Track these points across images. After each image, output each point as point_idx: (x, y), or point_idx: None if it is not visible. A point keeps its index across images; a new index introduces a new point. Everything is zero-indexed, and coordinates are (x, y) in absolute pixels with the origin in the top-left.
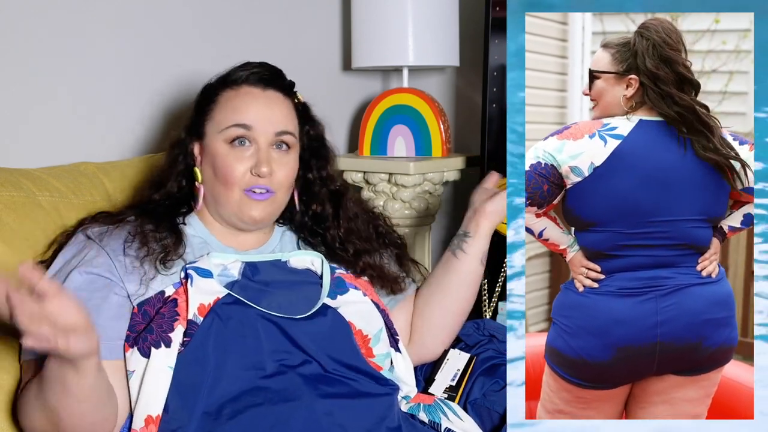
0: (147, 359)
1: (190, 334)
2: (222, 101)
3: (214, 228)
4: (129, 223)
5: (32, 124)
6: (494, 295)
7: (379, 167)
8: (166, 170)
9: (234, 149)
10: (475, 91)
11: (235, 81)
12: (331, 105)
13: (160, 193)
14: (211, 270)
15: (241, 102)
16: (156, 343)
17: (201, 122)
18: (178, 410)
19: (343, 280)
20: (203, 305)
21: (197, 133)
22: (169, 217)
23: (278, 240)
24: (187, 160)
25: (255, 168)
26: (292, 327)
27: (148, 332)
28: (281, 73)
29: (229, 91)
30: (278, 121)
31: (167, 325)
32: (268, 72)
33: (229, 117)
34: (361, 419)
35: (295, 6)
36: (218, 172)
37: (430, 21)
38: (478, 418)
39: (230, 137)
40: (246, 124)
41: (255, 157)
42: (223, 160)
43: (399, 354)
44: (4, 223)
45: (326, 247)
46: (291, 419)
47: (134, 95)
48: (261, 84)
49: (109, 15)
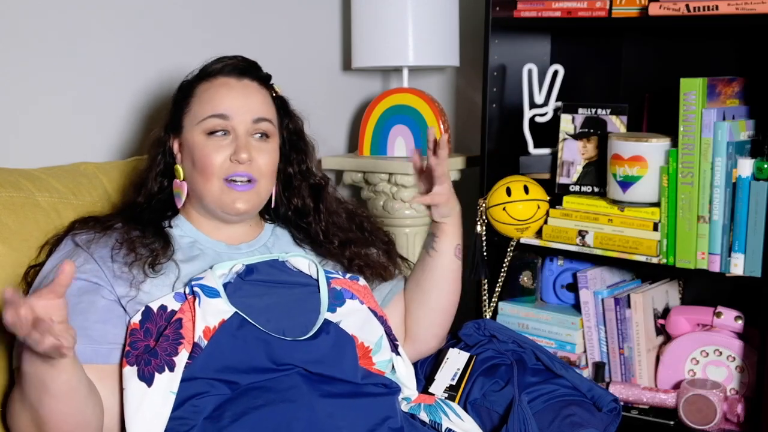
0: (148, 386)
1: (193, 357)
2: (198, 93)
3: (202, 224)
4: (116, 230)
5: (32, 124)
6: (494, 295)
7: (379, 167)
8: (146, 171)
9: (212, 139)
10: (475, 91)
11: (210, 73)
12: (331, 105)
13: (142, 194)
14: (217, 288)
15: (216, 92)
16: (160, 367)
17: (178, 117)
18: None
19: (340, 292)
20: (208, 328)
21: (175, 129)
22: (154, 222)
23: (269, 235)
24: (166, 159)
25: (234, 155)
26: (295, 350)
27: (152, 356)
28: (257, 65)
29: (204, 84)
30: (255, 108)
31: (171, 348)
32: (243, 62)
33: (205, 108)
34: (362, 420)
35: (295, 6)
36: (197, 164)
37: (430, 21)
38: (478, 418)
39: (208, 128)
40: (223, 114)
41: (233, 145)
42: (202, 151)
43: (399, 358)
44: (4, 223)
45: (311, 241)
46: (293, 421)
47: (134, 95)
48: (236, 74)
49: (110, 15)
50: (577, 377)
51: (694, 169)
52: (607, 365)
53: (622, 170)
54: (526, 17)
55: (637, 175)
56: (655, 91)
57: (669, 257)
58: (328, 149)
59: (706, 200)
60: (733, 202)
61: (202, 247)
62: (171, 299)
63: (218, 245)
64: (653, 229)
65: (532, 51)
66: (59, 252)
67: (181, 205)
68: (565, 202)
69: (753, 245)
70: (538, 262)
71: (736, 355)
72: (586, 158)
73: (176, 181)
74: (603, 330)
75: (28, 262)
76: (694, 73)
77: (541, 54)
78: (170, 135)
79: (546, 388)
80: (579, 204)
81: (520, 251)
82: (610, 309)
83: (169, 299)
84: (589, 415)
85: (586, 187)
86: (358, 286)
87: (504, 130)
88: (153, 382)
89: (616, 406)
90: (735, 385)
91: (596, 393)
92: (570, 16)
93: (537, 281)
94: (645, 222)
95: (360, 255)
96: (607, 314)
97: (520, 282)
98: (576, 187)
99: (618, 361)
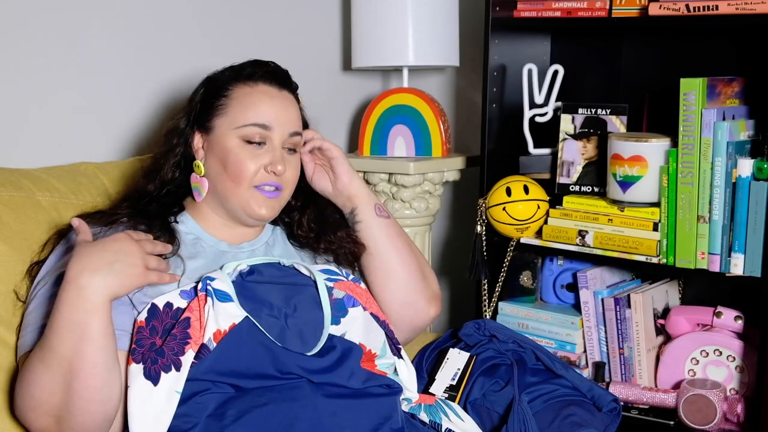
0: (154, 384)
1: (200, 357)
2: (236, 97)
3: (208, 222)
4: (122, 224)
5: (32, 124)
6: (494, 295)
7: (379, 167)
8: (162, 159)
9: (248, 147)
10: (475, 91)
11: (250, 77)
12: (331, 105)
13: (154, 183)
14: (229, 293)
15: (259, 101)
16: (166, 367)
17: (208, 116)
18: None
19: (342, 301)
20: (219, 331)
21: (202, 126)
22: (161, 216)
23: (270, 234)
24: (185, 150)
25: (271, 166)
26: (300, 361)
27: (159, 354)
28: (290, 76)
29: (243, 87)
30: (292, 122)
31: (179, 347)
32: (281, 72)
33: (248, 115)
34: (365, 420)
35: (295, 6)
36: (229, 168)
37: (430, 21)
38: (478, 418)
39: (247, 135)
40: (265, 124)
41: (269, 156)
42: (237, 156)
43: (402, 361)
44: (4, 222)
45: (291, 233)
46: (296, 420)
47: (134, 95)
48: (276, 83)
49: (110, 15)
50: (577, 377)
51: (694, 169)
52: (607, 365)
53: (622, 170)
54: (526, 17)
55: (637, 175)
56: (655, 91)
57: (669, 257)
58: None
59: (706, 200)
60: (733, 202)
61: (204, 245)
62: (177, 296)
63: (220, 244)
64: (653, 229)
65: (532, 51)
66: (64, 245)
67: (201, 199)
68: (565, 202)
69: (753, 245)
70: (538, 262)
71: (736, 355)
72: (586, 158)
73: (195, 176)
74: (603, 330)
75: (29, 261)
76: (694, 73)
77: (541, 54)
78: (194, 129)
79: (546, 388)
80: (579, 204)
81: (520, 251)
82: (610, 309)
83: (174, 296)
84: (589, 415)
85: (586, 187)
86: (361, 290)
87: (504, 130)
88: (159, 381)
89: (616, 406)
90: (735, 385)
91: (596, 393)
92: (570, 16)
93: (537, 281)
94: (645, 222)
95: (332, 240)
96: (607, 314)
97: (520, 282)
98: (576, 187)
99: (618, 361)
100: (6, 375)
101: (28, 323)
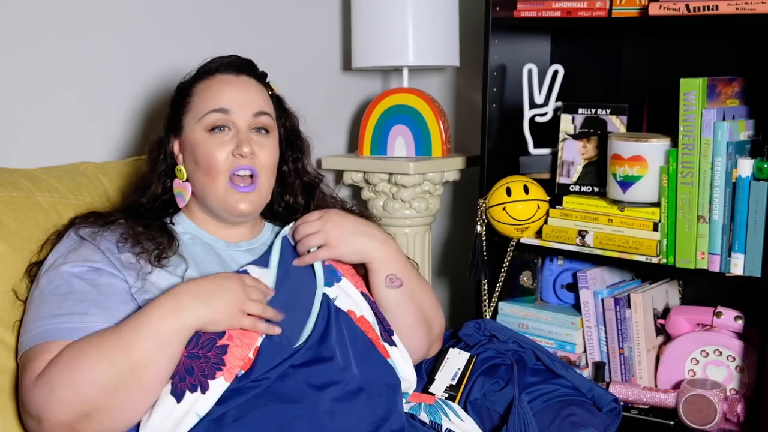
0: (177, 402)
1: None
2: (197, 92)
3: (204, 222)
4: (120, 225)
5: (32, 124)
6: (494, 295)
7: (379, 167)
8: (149, 173)
9: (213, 135)
10: (475, 91)
11: (208, 71)
12: (331, 105)
13: (146, 196)
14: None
15: (215, 88)
16: (193, 386)
17: (178, 117)
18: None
19: (335, 270)
20: (250, 358)
21: (175, 129)
22: (157, 218)
23: (269, 234)
24: (167, 160)
25: (237, 149)
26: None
27: (188, 372)
28: (252, 63)
29: (203, 82)
30: (255, 102)
31: (210, 370)
32: (240, 60)
33: (205, 104)
34: (364, 419)
35: (295, 6)
36: (200, 162)
37: (430, 21)
38: (478, 418)
39: (209, 124)
40: (223, 108)
41: (235, 140)
42: (204, 148)
43: (395, 348)
44: (4, 223)
45: None
46: (295, 419)
47: (134, 95)
48: (233, 71)
49: (110, 15)
50: (577, 377)
51: (694, 169)
52: (607, 365)
53: (622, 170)
54: (526, 17)
55: (637, 175)
56: (655, 91)
57: (669, 257)
58: (328, 149)
59: (706, 200)
60: (733, 202)
61: (203, 243)
62: None
63: (218, 242)
64: (653, 229)
65: (532, 51)
66: (63, 245)
67: (184, 204)
68: (565, 202)
69: (753, 245)
70: (538, 262)
71: (736, 355)
72: (586, 158)
73: (177, 181)
74: (603, 330)
75: (29, 261)
76: (694, 73)
77: (541, 54)
78: (170, 136)
79: (546, 388)
80: (579, 204)
81: (520, 251)
82: (610, 309)
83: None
84: (589, 415)
85: (586, 187)
86: (348, 268)
87: (504, 130)
88: (182, 399)
89: (616, 406)
90: (735, 385)
91: (596, 393)
92: (570, 16)
93: (537, 281)
94: (645, 222)
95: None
96: (607, 314)
97: (520, 282)
98: (576, 187)
99: (618, 361)
100: (4, 375)
101: (42, 314)
